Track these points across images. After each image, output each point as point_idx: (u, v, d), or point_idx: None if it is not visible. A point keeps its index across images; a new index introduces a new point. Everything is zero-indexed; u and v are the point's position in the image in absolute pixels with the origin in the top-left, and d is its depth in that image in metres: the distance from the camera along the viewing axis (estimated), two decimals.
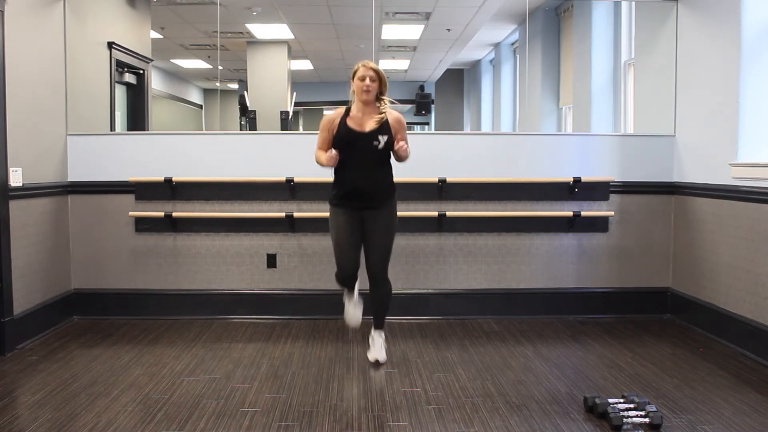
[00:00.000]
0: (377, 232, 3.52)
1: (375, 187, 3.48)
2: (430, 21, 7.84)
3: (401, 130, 3.49)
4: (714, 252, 4.23)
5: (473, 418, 2.95)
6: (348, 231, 3.51)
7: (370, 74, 3.39)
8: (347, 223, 3.51)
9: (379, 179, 3.49)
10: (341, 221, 3.52)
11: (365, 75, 3.39)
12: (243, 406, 3.08)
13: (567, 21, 7.42)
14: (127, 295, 4.64)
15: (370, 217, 3.51)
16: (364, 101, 3.42)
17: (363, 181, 3.45)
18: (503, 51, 9.67)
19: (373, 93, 3.41)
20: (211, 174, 4.59)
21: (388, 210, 3.54)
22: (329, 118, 3.50)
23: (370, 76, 3.38)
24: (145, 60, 6.21)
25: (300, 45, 9.36)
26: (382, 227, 3.53)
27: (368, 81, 3.38)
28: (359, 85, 3.40)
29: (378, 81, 3.42)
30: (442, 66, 11.15)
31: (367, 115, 3.46)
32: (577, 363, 3.74)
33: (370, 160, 3.44)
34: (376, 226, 3.51)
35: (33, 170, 4.14)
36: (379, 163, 3.48)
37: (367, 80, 3.38)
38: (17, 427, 2.84)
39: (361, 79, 3.39)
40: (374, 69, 3.40)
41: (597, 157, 4.71)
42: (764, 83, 3.91)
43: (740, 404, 3.13)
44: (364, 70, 3.40)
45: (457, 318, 4.64)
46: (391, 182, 3.56)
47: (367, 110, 3.46)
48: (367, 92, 3.38)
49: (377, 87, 3.42)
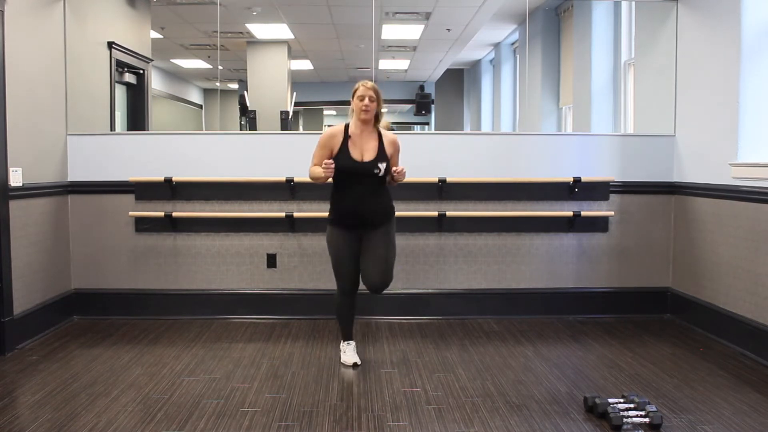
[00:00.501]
0: (376, 250, 3.51)
1: (374, 209, 3.54)
2: (430, 21, 7.84)
3: (395, 154, 3.60)
4: (714, 252, 4.23)
5: (473, 418, 2.95)
6: (347, 251, 3.55)
7: (369, 94, 3.48)
8: (346, 243, 3.55)
9: (377, 202, 3.55)
10: (340, 242, 3.56)
11: (364, 95, 3.48)
12: (243, 406, 3.08)
13: (567, 21, 7.42)
14: (127, 295, 4.64)
15: (367, 236, 3.54)
16: (362, 120, 3.51)
17: (361, 205, 3.52)
18: (503, 51, 9.67)
19: (371, 113, 3.50)
20: (211, 174, 4.59)
21: (386, 229, 3.55)
22: (329, 134, 3.53)
23: (369, 96, 3.48)
24: (145, 60, 6.21)
25: (300, 45, 9.36)
26: (382, 244, 3.52)
27: (367, 101, 3.47)
28: (359, 104, 3.48)
29: (377, 101, 3.52)
30: (442, 66, 11.15)
31: (366, 137, 3.53)
32: (577, 363, 3.74)
33: (369, 185, 3.52)
34: (374, 244, 3.52)
35: (33, 170, 4.14)
36: (377, 187, 3.55)
37: (366, 100, 3.47)
38: (17, 427, 2.84)
39: (360, 99, 3.48)
40: (374, 89, 3.50)
41: (597, 157, 4.71)
42: (764, 83, 3.91)
43: (740, 404, 3.13)
44: (364, 90, 3.48)
45: (457, 318, 4.64)
46: (390, 203, 3.62)
47: (366, 129, 3.54)
48: (366, 111, 3.48)
49: (375, 107, 3.52)
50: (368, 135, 3.54)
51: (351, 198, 3.51)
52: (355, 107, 3.51)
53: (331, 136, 3.52)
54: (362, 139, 3.52)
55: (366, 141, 3.52)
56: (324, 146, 3.52)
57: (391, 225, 3.60)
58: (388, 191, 3.63)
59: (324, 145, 3.52)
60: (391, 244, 3.57)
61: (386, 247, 3.53)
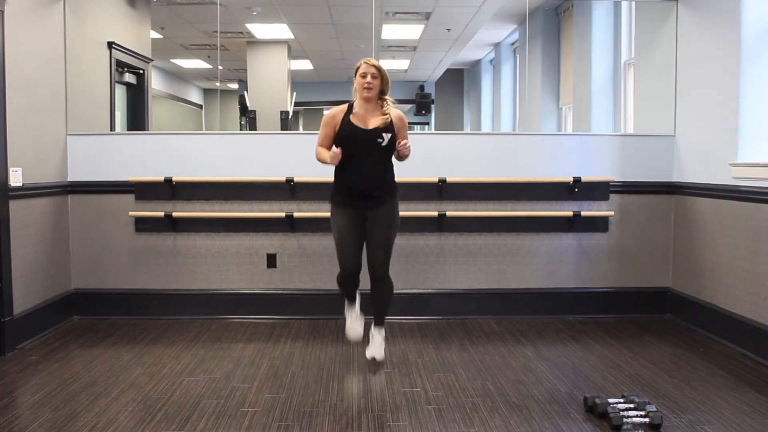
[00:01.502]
0: (379, 231, 3.51)
1: (377, 185, 3.48)
2: (430, 21, 7.84)
3: (403, 128, 3.50)
4: (714, 252, 4.23)
5: (473, 418, 2.95)
6: (350, 230, 3.51)
7: (371, 71, 3.39)
8: (349, 222, 3.50)
9: (381, 177, 3.49)
10: (343, 220, 3.51)
11: (366, 72, 3.39)
12: (243, 406, 3.08)
13: (567, 21, 7.42)
14: (127, 295, 4.64)
15: (371, 215, 3.50)
16: (365, 98, 3.42)
17: (365, 179, 3.45)
18: (503, 51, 9.67)
19: (374, 90, 3.41)
20: (211, 174, 4.59)
21: (389, 208, 3.52)
22: (332, 114, 3.48)
23: (371, 73, 3.39)
24: (145, 60, 6.21)
25: (300, 45, 9.36)
26: (384, 225, 3.51)
27: (369, 78, 3.38)
28: (360, 82, 3.40)
29: (380, 78, 3.42)
30: (442, 66, 11.15)
31: (370, 113, 3.45)
32: (577, 363, 3.74)
33: (372, 158, 3.44)
34: (377, 224, 3.50)
35: (33, 170, 4.14)
36: (381, 162, 3.48)
37: (369, 77, 3.38)
38: (17, 427, 2.84)
39: (362, 76, 3.39)
40: (376, 66, 3.40)
41: (597, 157, 4.71)
42: (764, 83, 3.91)
43: (740, 404, 3.13)
44: (366, 67, 3.39)
45: (457, 318, 4.64)
46: (393, 181, 3.56)
47: (369, 108, 3.46)
48: (368, 89, 3.38)
49: (379, 84, 3.42)
50: (373, 112, 3.45)
51: (354, 171, 3.43)
52: (357, 85, 3.42)
53: (333, 114, 3.45)
54: (366, 114, 3.45)
55: (371, 116, 3.44)
56: (327, 124, 3.46)
57: (394, 202, 3.55)
58: (393, 169, 3.55)
59: (327, 123, 3.46)
60: (395, 227, 3.56)
61: (389, 232, 3.52)
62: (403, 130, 3.49)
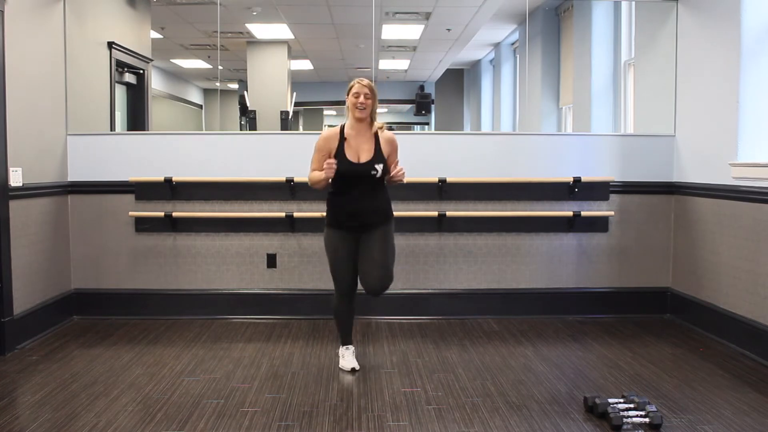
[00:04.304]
0: (374, 254, 3.45)
1: (371, 210, 3.50)
2: (430, 21, 7.84)
3: (393, 152, 3.53)
4: (714, 252, 4.23)
5: (473, 418, 2.95)
6: (344, 254, 3.51)
7: (365, 92, 3.44)
8: (343, 245, 3.50)
9: (374, 203, 3.51)
10: (337, 243, 3.52)
11: (360, 92, 3.44)
12: (243, 406, 3.08)
13: (567, 21, 7.42)
14: (127, 295, 4.64)
15: (365, 237, 3.49)
16: (357, 118, 3.47)
17: (359, 205, 3.48)
18: (503, 51, 9.67)
19: (368, 110, 3.47)
20: (211, 174, 4.59)
21: (383, 231, 3.49)
22: (325, 139, 3.50)
23: (365, 93, 3.44)
24: (145, 60, 6.21)
25: (300, 45, 9.36)
26: (378, 247, 3.46)
27: (362, 98, 3.43)
28: (353, 101, 3.45)
29: (372, 98, 3.48)
30: (442, 66, 11.15)
31: (362, 136, 3.49)
32: (577, 363, 3.74)
33: (367, 187, 3.49)
34: (371, 244, 3.46)
35: (33, 170, 4.14)
36: (375, 189, 3.51)
37: (362, 97, 3.43)
38: (17, 427, 2.84)
39: (356, 96, 3.45)
40: (369, 87, 3.46)
41: (597, 157, 4.71)
42: (764, 83, 3.91)
43: (740, 404, 3.13)
44: (359, 87, 3.45)
45: (457, 318, 4.64)
46: (388, 205, 3.57)
47: (362, 129, 3.50)
48: (361, 110, 3.44)
49: (371, 104, 3.48)
50: (364, 135, 3.49)
51: (348, 199, 3.48)
52: (350, 105, 3.47)
53: (326, 139, 3.49)
54: (358, 140, 3.48)
55: (362, 141, 3.48)
56: (321, 149, 3.49)
57: (389, 227, 3.54)
58: (386, 193, 3.58)
59: (321, 148, 3.50)
60: (390, 248, 3.52)
61: (384, 251, 3.46)
62: (393, 154, 3.53)
